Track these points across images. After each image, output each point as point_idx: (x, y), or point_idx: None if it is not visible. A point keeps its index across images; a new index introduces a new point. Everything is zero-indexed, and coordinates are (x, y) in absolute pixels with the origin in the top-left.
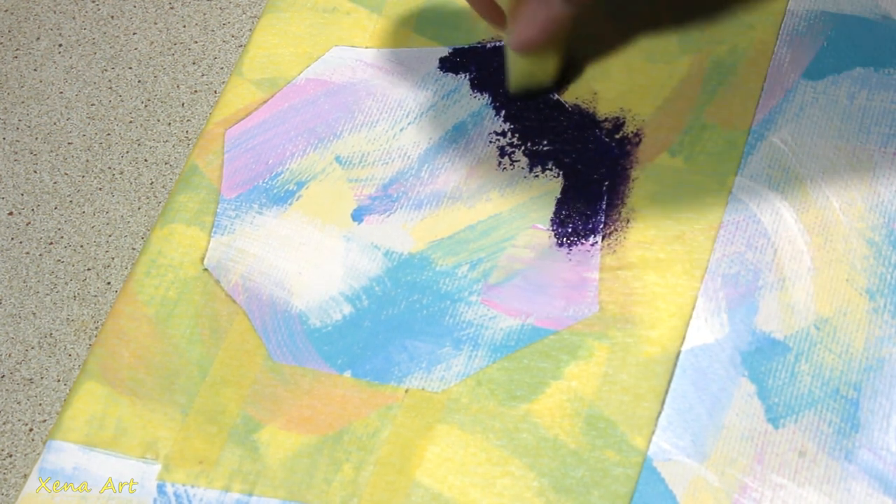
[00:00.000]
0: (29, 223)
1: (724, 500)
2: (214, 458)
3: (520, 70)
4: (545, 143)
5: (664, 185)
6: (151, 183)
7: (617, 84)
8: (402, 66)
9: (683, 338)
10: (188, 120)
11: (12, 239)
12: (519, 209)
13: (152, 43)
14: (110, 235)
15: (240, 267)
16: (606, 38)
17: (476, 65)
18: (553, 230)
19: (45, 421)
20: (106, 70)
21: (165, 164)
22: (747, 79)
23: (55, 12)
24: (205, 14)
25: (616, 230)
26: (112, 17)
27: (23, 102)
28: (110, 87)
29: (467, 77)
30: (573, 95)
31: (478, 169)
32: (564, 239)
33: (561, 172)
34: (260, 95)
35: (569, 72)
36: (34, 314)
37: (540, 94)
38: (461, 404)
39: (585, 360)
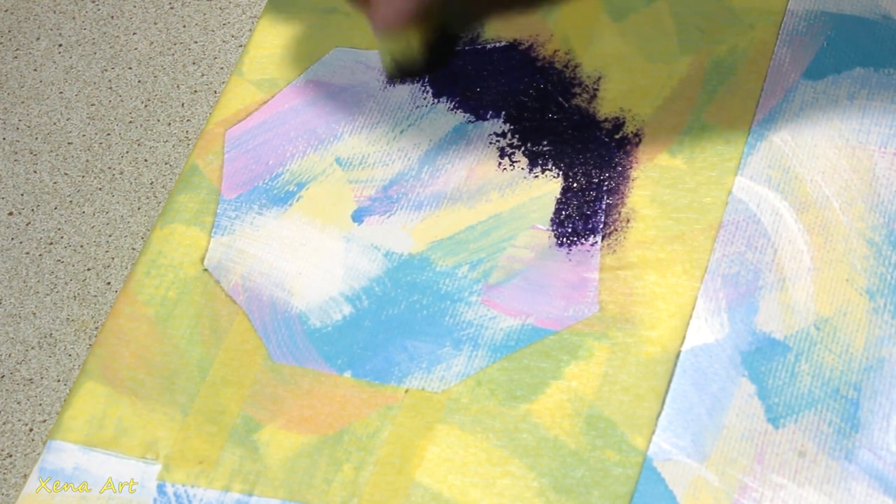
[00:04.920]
0: (29, 223)
1: (724, 500)
2: (214, 458)
3: (385, 49)
4: (545, 143)
5: (664, 185)
6: (151, 183)
7: (617, 83)
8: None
9: (683, 338)
10: (188, 120)
11: (12, 239)
12: (519, 209)
13: (152, 43)
14: (110, 235)
15: (240, 267)
16: (606, 37)
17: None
18: (553, 230)
19: (45, 421)
20: (106, 70)
21: (165, 164)
22: (747, 79)
23: (55, 12)
24: (205, 14)
25: (616, 230)
26: (112, 17)
27: (23, 102)
28: (110, 87)
29: None
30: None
31: (478, 170)
32: (564, 239)
33: (561, 173)
34: (260, 96)
35: (441, 50)
36: (34, 314)
37: (416, 75)
38: (461, 404)
39: (585, 360)
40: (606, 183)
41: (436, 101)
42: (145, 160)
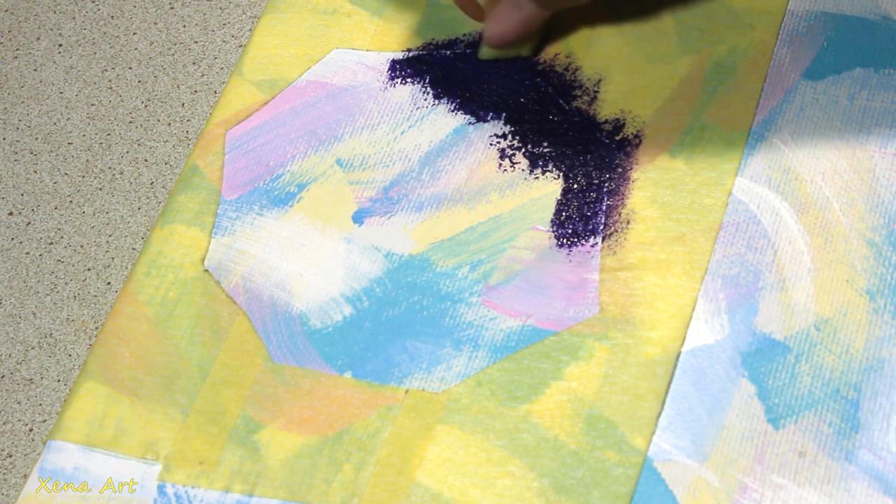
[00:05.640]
0: (29, 223)
1: (725, 500)
2: (215, 458)
3: (491, 54)
4: (545, 144)
5: (664, 186)
6: (151, 183)
7: (617, 85)
8: (403, 69)
9: (684, 339)
10: (188, 120)
11: (12, 239)
12: (519, 210)
13: (152, 43)
14: (110, 235)
15: (240, 268)
16: (606, 39)
17: None
18: (553, 231)
19: (45, 421)
20: (106, 70)
21: (165, 164)
22: (747, 79)
23: (55, 12)
24: (205, 14)
25: (616, 231)
26: (112, 17)
27: (23, 102)
28: (110, 87)
29: None
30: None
31: (478, 171)
32: (565, 240)
33: (561, 174)
34: (260, 96)
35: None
36: (34, 314)
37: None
38: (461, 405)
39: (586, 360)
40: (607, 184)
41: (436, 102)
42: (145, 160)
